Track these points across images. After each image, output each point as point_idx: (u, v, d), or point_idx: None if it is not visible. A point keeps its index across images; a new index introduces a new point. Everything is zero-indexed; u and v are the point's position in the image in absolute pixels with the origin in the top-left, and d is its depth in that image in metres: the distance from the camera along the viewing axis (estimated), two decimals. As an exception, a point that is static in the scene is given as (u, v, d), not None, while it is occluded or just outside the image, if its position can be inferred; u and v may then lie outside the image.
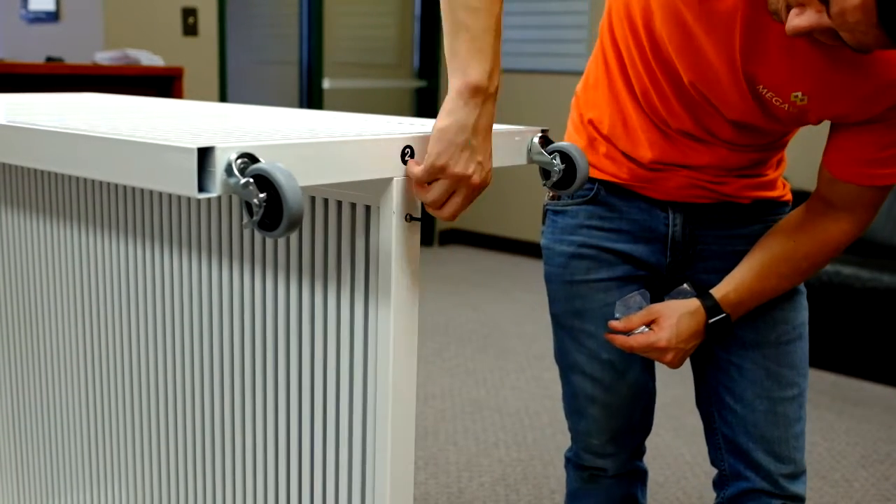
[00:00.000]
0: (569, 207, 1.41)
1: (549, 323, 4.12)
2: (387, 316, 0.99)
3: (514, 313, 4.26)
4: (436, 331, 3.93)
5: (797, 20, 0.98)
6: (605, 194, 1.37)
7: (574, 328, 1.42)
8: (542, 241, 1.45)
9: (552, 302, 1.45)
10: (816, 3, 0.96)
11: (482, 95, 0.96)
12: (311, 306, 1.07)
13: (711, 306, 1.29)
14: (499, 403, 3.11)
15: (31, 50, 4.40)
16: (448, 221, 0.97)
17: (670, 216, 1.36)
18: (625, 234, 1.38)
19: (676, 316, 1.29)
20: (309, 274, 1.06)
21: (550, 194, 1.43)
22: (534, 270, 5.21)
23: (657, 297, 1.41)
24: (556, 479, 2.54)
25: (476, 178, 0.96)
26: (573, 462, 1.55)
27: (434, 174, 0.96)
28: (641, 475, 1.56)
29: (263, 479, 1.18)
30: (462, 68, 0.96)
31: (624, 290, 1.39)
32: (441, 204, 0.98)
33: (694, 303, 1.30)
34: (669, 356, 1.29)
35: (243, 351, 1.16)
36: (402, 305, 1.00)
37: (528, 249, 5.62)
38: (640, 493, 1.56)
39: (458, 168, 0.95)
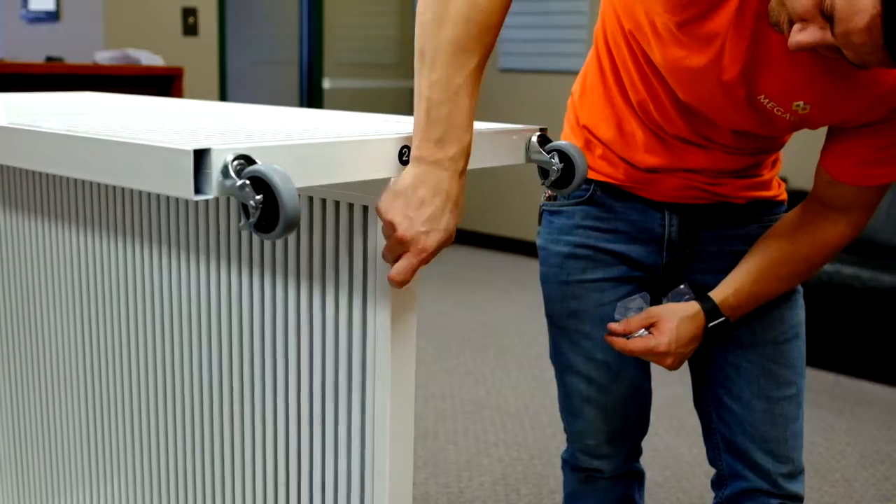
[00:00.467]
0: (565, 208, 1.40)
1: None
2: (385, 315, 0.99)
3: (514, 313, 4.26)
4: (435, 331, 3.93)
5: (800, 36, 0.98)
6: (602, 195, 1.37)
7: (569, 329, 1.42)
8: (538, 242, 1.45)
9: (547, 302, 1.45)
10: (820, 20, 0.95)
11: (424, 163, 0.96)
12: (308, 306, 1.07)
13: (711, 309, 1.29)
14: (499, 403, 3.11)
15: (31, 50, 4.40)
16: (397, 278, 0.97)
17: (666, 217, 1.36)
18: (621, 235, 1.37)
19: (676, 320, 1.28)
20: (307, 274, 1.06)
21: (546, 195, 1.43)
22: (533, 270, 5.20)
23: (655, 299, 1.41)
24: (556, 478, 2.54)
25: (429, 240, 0.95)
26: (570, 464, 1.55)
27: (385, 229, 0.96)
28: (639, 476, 1.55)
29: (263, 480, 1.18)
30: (415, 135, 0.98)
31: (619, 290, 1.38)
32: (394, 260, 0.97)
33: (693, 306, 1.30)
34: (669, 360, 1.29)
35: (241, 351, 1.16)
36: (401, 305, 1.00)
37: (527, 249, 5.62)
38: (638, 495, 1.56)
39: (401, 227, 0.94)
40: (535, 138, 1.10)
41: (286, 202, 0.74)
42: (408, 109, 5.74)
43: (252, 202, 0.75)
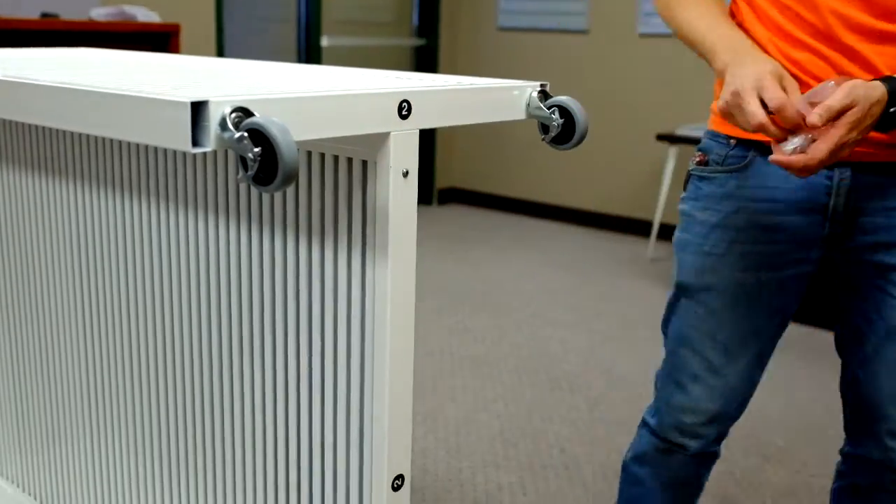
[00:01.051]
0: (717, 175, 1.33)
1: (547, 280, 4.14)
2: (384, 271, 0.99)
3: (513, 272, 4.26)
4: (434, 289, 3.94)
5: None
6: (760, 162, 1.30)
7: (698, 302, 1.36)
8: (682, 207, 1.38)
9: (681, 270, 1.38)
10: None
11: (731, 52, 1.17)
12: (308, 262, 1.07)
13: (893, 91, 1.13)
14: (497, 360, 3.13)
15: (26, 5, 4.35)
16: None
17: (835, 179, 1.27)
18: (779, 205, 1.30)
19: (869, 104, 1.11)
20: (306, 230, 1.06)
21: (697, 158, 1.36)
22: (533, 229, 5.21)
23: (809, 286, 1.35)
24: (554, 433, 2.56)
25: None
26: (651, 428, 1.49)
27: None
28: (713, 458, 1.52)
29: (262, 435, 1.19)
30: (716, 62, 1.21)
31: (763, 274, 1.31)
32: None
33: (879, 87, 1.12)
34: (847, 152, 1.14)
35: (240, 306, 1.16)
36: (400, 260, 1.00)
37: (527, 208, 5.62)
38: (706, 475, 1.54)
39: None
40: (535, 93, 1.10)
41: (284, 154, 0.74)
42: (407, 67, 5.70)
43: (250, 154, 0.75)
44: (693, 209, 1.36)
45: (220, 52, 4.42)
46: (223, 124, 0.76)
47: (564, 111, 1.09)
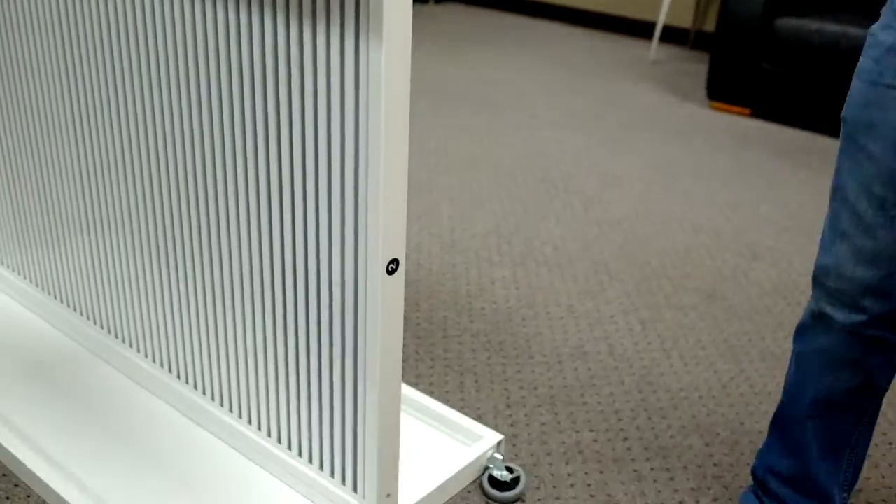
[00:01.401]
0: None
1: (547, 82, 4.09)
2: (378, 51, 0.97)
3: (513, 73, 4.20)
4: (432, 89, 3.89)
5: None
6: None
7: (857, 142, 1.15)
8: (872, 26, 1.17)
9: (847, 102, 1.17)
10: None
11: None
12: (298, 45, 1.05)
13: None
14: (494, 159, 3.13)
15: None
16: None
17: None
18: None
19: None
20: (296, 9, 1.03)
21: None
22: (534, 29, 5.08)
23: None
24: (548, 231, 2.60)
25: None
26: (812, 298, 1.29)
27: None
28: (887, 347, 1.23)
29: (258, 222, 1.20)
30: None
31: None
32: None
33: None
34: None
35: (232, 90, 1.15)
36: (394, 41, 0.97)
37: (527, 8, 5.45)
38: (879, 370, 1.25)
39: None
40: None
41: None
42: None
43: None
44: (877, 28, 1.14)
45: None
46: None
47: None
